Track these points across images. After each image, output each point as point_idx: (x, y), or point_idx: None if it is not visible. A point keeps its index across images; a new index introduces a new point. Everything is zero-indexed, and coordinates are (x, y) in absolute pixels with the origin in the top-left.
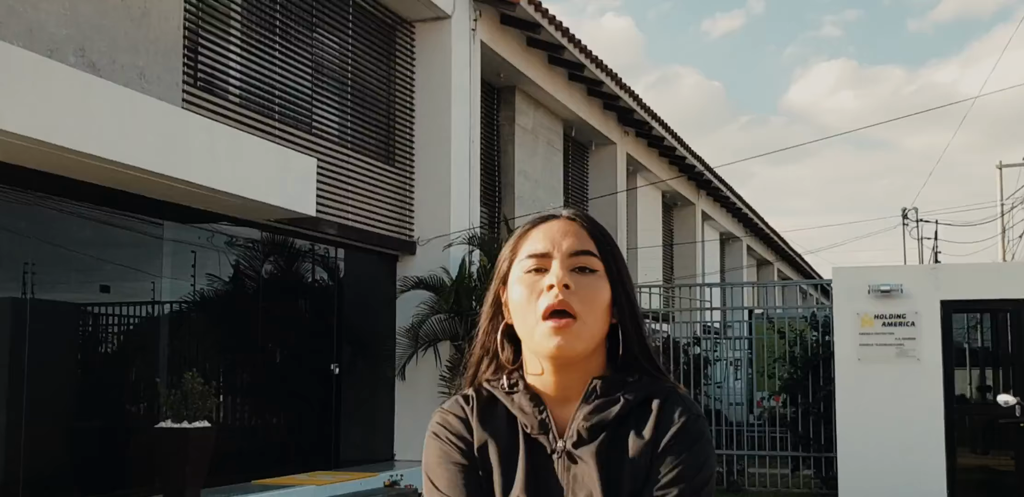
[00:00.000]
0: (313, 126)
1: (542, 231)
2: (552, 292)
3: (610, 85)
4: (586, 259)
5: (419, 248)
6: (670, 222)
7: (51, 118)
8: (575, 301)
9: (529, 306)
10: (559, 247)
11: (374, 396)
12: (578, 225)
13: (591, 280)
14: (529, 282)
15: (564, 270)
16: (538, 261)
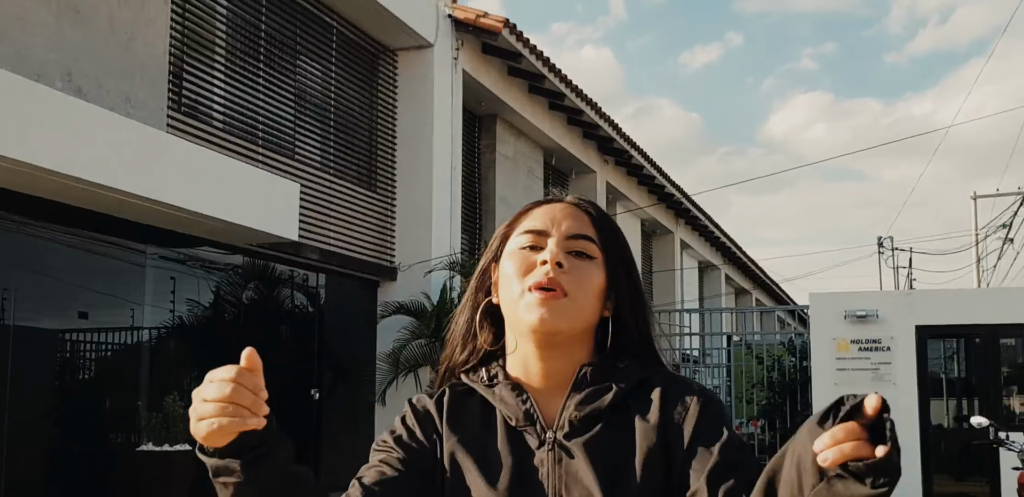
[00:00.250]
0: (296, 152)
1: (543, 210)
2: (544, 268)
3: (590, 114)
4: (584, 244)
5: (400, 274)
6: (649, 250)
7: (37, 141)
8: (566, 280)
9: (516, 279)
10: (558, 226)
11: (354, 422)
12: (581, 210)
13: (586, 264)
14: (522, 256)
15: (560, 249)
16: (534, 238)
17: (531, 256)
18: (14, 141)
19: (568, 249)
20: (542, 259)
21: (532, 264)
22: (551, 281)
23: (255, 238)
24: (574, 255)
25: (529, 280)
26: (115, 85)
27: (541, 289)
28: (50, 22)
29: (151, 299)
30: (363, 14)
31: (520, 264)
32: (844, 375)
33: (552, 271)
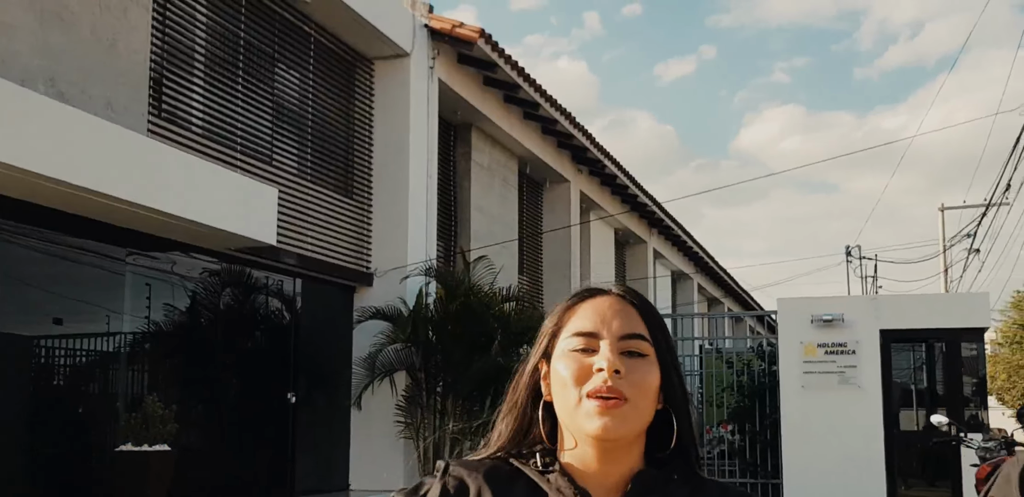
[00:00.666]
0: (274, 159)
1: (591, 307)
2: (601, 375)
3: (564, 124)
4: (637, 343)
5: (376, 279)
6: (623, 260)
7: (19, 144)
8: (625, 386)
9: (574, 386)
10: (609, 327)
11: (330, 426)
12: (628, 304)
13: (641, 364)
14: (577, 360)
15: (614, 353)
16: (586, 340)
17: (584, 360)
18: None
19: (622, 350)
20: (598, 366)
21: (587, 370)
22: (611, 389)
23: (233, 242)
24: (627, 355)
25: (587, 387)
26: (97, 90)
27: (601, 397)
28: (34, 28)
29: (130, 303)
30: (340, 23)
31: (575, 370)
32: (811, 378)
33: (611, 379)
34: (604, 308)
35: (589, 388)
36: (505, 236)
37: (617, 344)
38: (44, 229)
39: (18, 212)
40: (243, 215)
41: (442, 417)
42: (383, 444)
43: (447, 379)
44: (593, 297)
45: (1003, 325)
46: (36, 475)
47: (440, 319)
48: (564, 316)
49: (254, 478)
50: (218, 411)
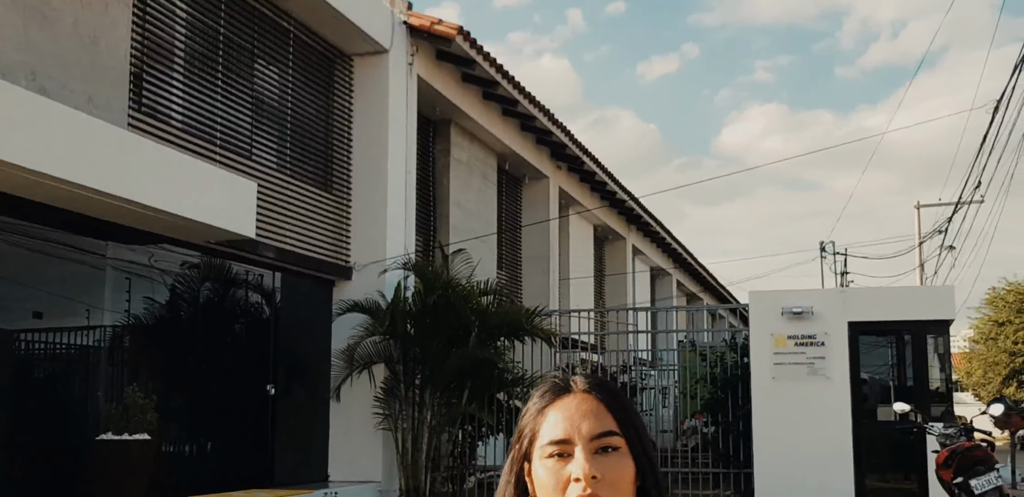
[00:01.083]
0: (253, 153)
1: (559, 412)
2: (579, 485)
3: (543, 120)
4: (608, 440)
5: (355, 273)
6: (602, 256)
7: (3, 136)
8: (603, 488)
9: (557, 491)
10: (579, 432)
11: (309, 417)
12: (595, 400)
13: (615, 460)
14: (554, 469)
15: (588, 458)
16: (560, 447)
17: (562, 470)
18: None
19: (595, 449)
20: (575, 476)
21: (566, 479)
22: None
23: (213, 235)
24: (600, 452)
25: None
26: (79, 85)
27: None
28: (16, 24)
29: (110, 296)
30: (320, 19)
31: (554, 479)
32: (781, 369)
33: (588, 487)
34: (572, 411)
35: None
36: (484, 231)
37: (589, 445)
38: (25, 222)
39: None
40: (223, 208)
41: (420, 409)
42: (362, 436)
43: (425, 371)
44: (561, 398)
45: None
46: (17, 463)
47: (418, 312)
48: (537, 420)
49: (234, 469)
50: (198, 403)
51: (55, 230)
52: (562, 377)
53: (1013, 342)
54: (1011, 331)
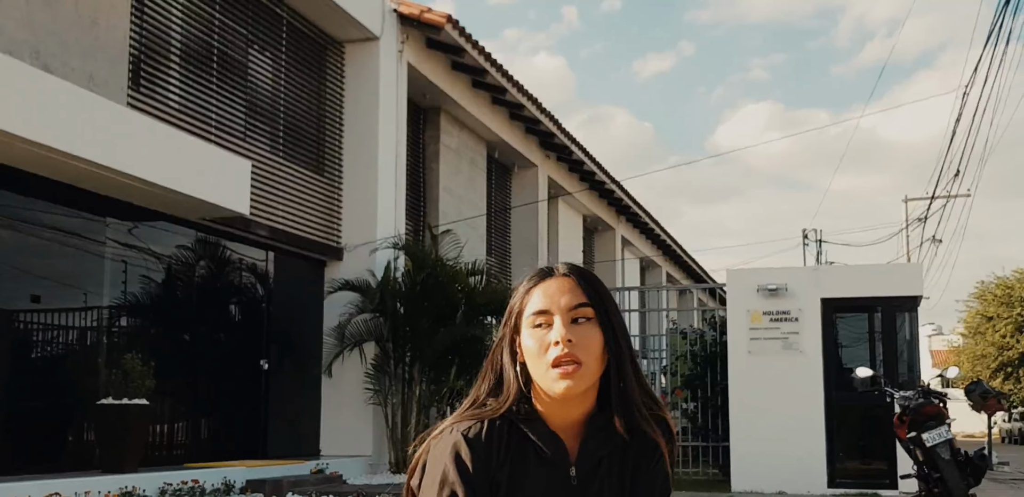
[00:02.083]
0: (247, 135)
1: (543, 290)
2: (558, 347)
3: (531, 109)
4: (581, 311)
5: (346, 254)
6: (591, 246)
7: (8, 109)
8: (578, 350)
9: (540, 356)
10: (558, 305)
11: (302, 393)
12: (572, 281)
13: (586, 328)
14: (538, 336)
15: (564, 325)
16: (542, 317)
17: (544, 336)
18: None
19: (570, 319)
20: (554, 340)
21: (547, 343)
22: (567, 355)
23: (208, 212)
24: (575, 322)
25: (549, 357)
26: (80, 64)
27: (560, 365)
28: (20, 4)
29: (109, 273)
30: (312, 7)
31: (538, 344)
32: (757, 344)
33: (564, 348)
34: (554, 289)
35: (551, 358)
36: (473, 215)
37: (566, 315)
38: (28, 197)
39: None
40: (218, 184)
41: (409, 384)
42: (353, 411)
43: (414, 348)
44: (545, 280)
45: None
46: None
47: (407, 291)
48: (524, 298)
49: (228, 441)
50: (194, 378)
51: (56, 205)
52: (547, 266)
53: (1001, 335)
54: (1000, 324)
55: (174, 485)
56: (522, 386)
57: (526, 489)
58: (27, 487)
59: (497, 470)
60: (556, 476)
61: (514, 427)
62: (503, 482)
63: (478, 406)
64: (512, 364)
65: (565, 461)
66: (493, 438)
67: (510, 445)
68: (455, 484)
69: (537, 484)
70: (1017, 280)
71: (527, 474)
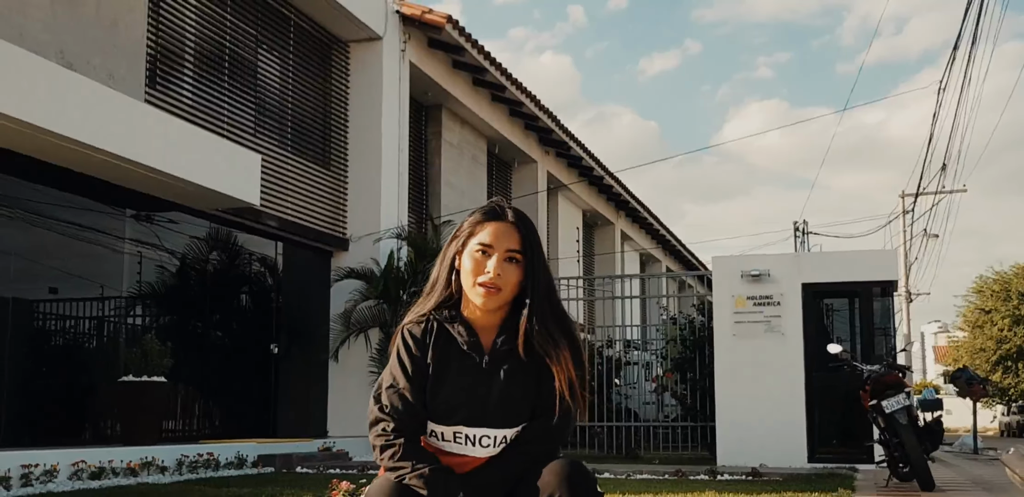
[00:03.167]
0: (257, 131)
1: (492, 229)
2: (488, 275)
3: (530, 106)
4: (514, 254)
5: (351, 244)
6: (591, 241)
7: (37, 104)
8: (500, 281)
9: (472, 275)
10: (499, 244)
11: (309, 376)
12: (515, 228)
13: (512, 267)
14: (477, 258)
15: (499, 262)
16: (486, 248)
17: (481, 262)
18: (16, 103)
19: (504, 258)
20: (488, 269)
21: (482, 267)
22: (492, 283)
23: (221, 203)
24: (506, 261)
25: (480, 278)
26: (100, 62)
27: (485, 286)
28: (45, 6)
29: (128, 263)
30: (318, 8)
31: (474, 265)
32: (741, 327)
33: (492, 278)
34: (501, 231)
35: (481, 279)
36: None
37: (503, 254)
38: (54, 189)
39: (31, 171)
40: (230, 176)
41: None
42: (358, 394)
43: None
44: (495, 220)
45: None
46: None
47: (410, 279)
48: (475, 228)
49: (240, 420)
50: (208, 361)
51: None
52: (500, 206)
53: (999, 329)
54: (997, 318)
55: (191, 457)
56: (454, 291)
57: (450, 371)
58: (55, 455)
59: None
60: (472, 362)
61: (442, 326)
62: (433, 365)
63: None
64: (448, 272)
65: (480, 351)
66: (427, 334)
67: (438, 339)
68: (396, 367)
69: (457, 367)
70: (1015, 275)
71: (451, 359)
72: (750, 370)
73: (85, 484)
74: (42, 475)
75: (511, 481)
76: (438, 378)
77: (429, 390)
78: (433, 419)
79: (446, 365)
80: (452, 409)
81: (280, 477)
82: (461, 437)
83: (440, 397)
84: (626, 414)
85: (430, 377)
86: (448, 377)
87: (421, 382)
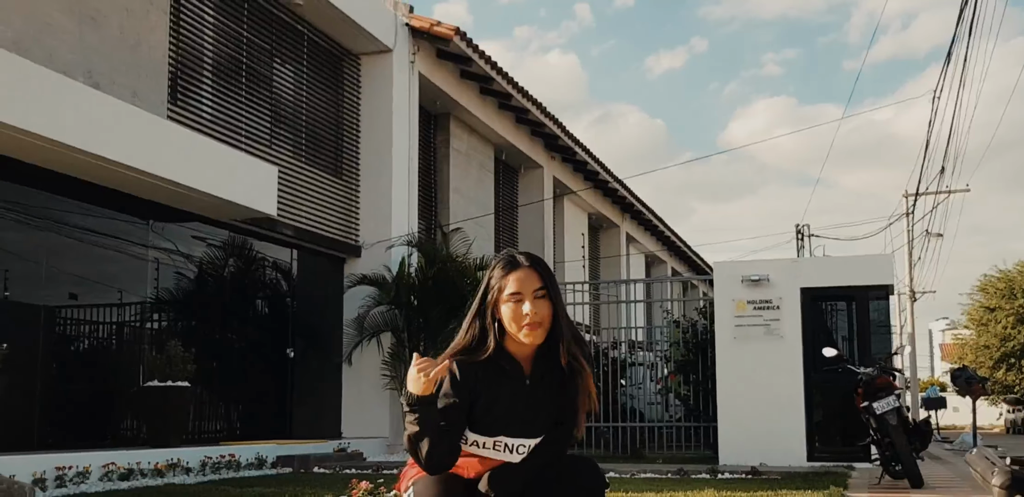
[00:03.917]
0: (272, 142)
1: (515, 278)
2: (528, 317)
3: (535, 113)
4: (541, 292)
5: (364, 251)
6: (596, 242)
7: (65, 123)
8: (538, 318)
9: (514, 321)
10: (526, 289)
11: (324, 379)
12: (535, 272)
13: (542, 303)
14: (513, 307)
15: (531, 302)
16: (517, 296)
17: (517, 308)
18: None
19: (534, 297)
20: (526, 312)
21: (520, 314)
22: (534, 322)
23: (239, 214)
24: (536, 299)
25: (522, 321)
26: (125, 81)
27: (530, 327)
28: (72, 29)
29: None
30: (330, 22)
31: (513, 314)
32: (741, 330)
33: (533, 318)
34: (523, 277)
35: (523, 323)
36: (481, 214)
37: (531, 294)
38: (79, 201)
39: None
40: (247, 189)
41: None
42: (371, 396)
43: (427, 338)
44: (516, 269)
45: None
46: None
47: (420, 285)
48: (502, 282)
49: (257, 422)
50: (226, 366)
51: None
52: (513, 256)
53: (1003, 327)
54: (1002, 316)
55: (214, 458)
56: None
57: (500, 394)
58: (87, 457)
59: (477, 383)
60: (517, 384)
61: (490, 359)
62: (482, 391)
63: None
64: (492, 324)
65: (522, 376)
66: (476, 364)
67: (487, 368)
68: (449, 392)
69: (505, 389)
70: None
71: (500, 384)
72: (751, 372)
73: (115, 485)
74: (75, 476)
75: (533, 473)
76: (490, 399)
77: (482, 408)
78: (480, 431)
79: (497, 389)
80: (501, 423)
81: (299, 477)
82: (501, 445)
83: (492, 414)
84: (631, 414)
85: (482, 398)
86: (499, 398)
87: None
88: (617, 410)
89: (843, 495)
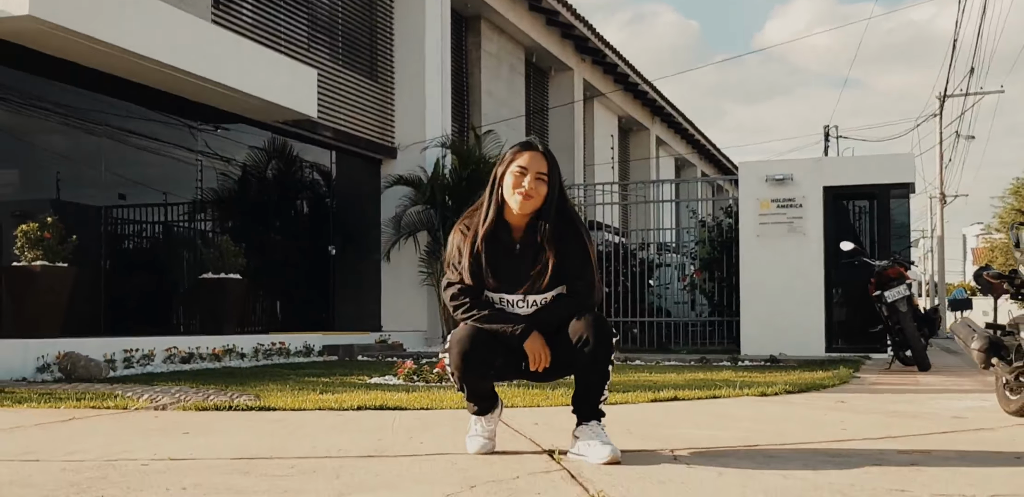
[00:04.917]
0: (311, 46)
1: (526, 157)
2: (524, 187)
3: (566, 15)
4: (543, 175)
5: (399, 152)
6: (626, 145)
7: (128, 28)
8: (532, 191)
9: (514, 187)
10: (532, 168)
11: (364, 276)
12: (543, 157)
13: (541, 183)
14: (516, 176)
15: (532, 179)
16: (522, 170)
17: (520, 178)
18: (107, 29)
19: (536, 177)
20: (524, 183)
21: (520, 182)
22: (527, 192)
23: (281, 115)
24: (537, 179)
25: (518, 190)
26: None
27: (523, 195)
28: None
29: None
30: None
31: (515, 181)
32: (765, 228)
33: (528, 189)
34: (534, 158)
35: (519, 190)
36: (512, 117)
37: (534, 174)
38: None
39: (118, 89)
40: (289, 90)
41: None
42: (409, 291)
43: None
44: (528, 150)
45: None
46: (138, 296)
47: (454, 185)
48: (515, 156)
49: (302, 315)
50: (273, 261)
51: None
52: (533, 141)
53: None
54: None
55: (265, 345)
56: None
57: (495, 256)
58: (151, 342)
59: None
60: (510, 249)
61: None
62: (481, 250)
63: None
64: (496, 192)
65: (513, 242)
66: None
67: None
68: (455, 250)
69: (497, 251)
70: None
71: (495, 248)
72: (773, 268)
73: (177, 367)
74: (141, 358)
75: (556, 322)
76: (486, 261)
77: (485, 270)
78: (490, 289)
79: (492, 252)
80: (498, 282)
81: (345, 363)
82: (504, 301)
83: (492, 274)
84: (659, 312)
85: (483, 259)
86: (493, 260)
87: (476, 259)
88: (645, 308)
89: (853, 376)
